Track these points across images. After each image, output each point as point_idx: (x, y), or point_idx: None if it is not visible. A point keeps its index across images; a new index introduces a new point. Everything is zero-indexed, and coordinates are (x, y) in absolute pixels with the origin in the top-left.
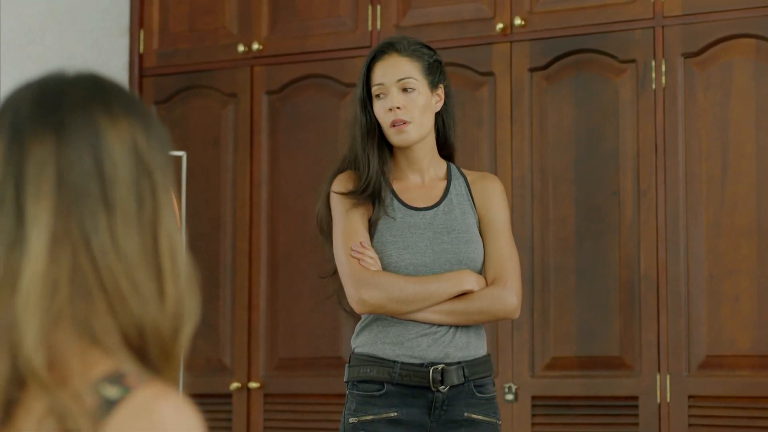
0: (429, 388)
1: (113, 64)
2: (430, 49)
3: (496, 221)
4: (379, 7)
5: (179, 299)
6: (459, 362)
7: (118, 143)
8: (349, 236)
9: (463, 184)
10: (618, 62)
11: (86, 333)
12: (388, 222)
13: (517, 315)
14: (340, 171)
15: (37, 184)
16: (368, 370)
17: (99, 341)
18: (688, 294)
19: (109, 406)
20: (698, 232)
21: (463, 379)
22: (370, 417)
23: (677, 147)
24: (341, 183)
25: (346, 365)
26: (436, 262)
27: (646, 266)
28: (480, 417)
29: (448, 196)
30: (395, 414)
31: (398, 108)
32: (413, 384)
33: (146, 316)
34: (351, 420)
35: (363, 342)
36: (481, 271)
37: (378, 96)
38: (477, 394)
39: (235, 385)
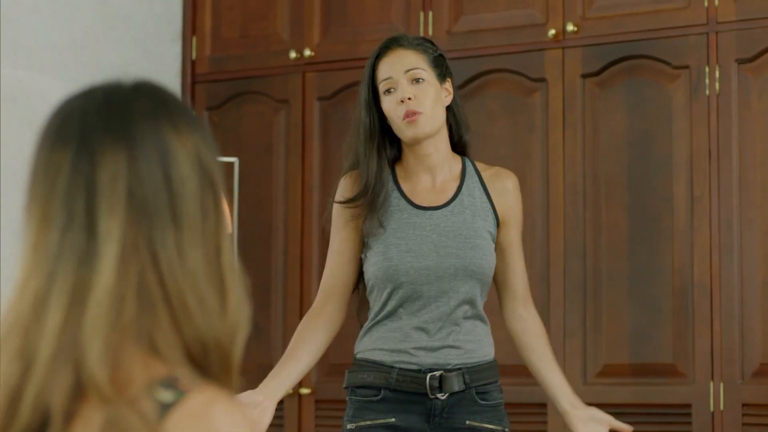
0: (427, 394)
1: (166, 70)
2: (432, 44)
3: (519, 228)
4: (431, 14)
5: (238, 309)
6: (459, 368)
7: (185, 157)
8: (330, 269)
9: (477, 184)
10: (671, 68)
11: (148, 345)
12: (392, 223)
13: None
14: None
15: (111, 199)
16: (366, 375)
17: (161, 354)
18: (742, 301)
19: (164, 409)
20: (752, 238)
21: (464, 385)
22: (368, 422)
23: (731, 153)
24: (343, 189)
25: (347, 371)
26: (440, 266)
27: (699, 273)
28: (483, 425)
29: (459, 196)
30: (393, 420)
31: (409, 99)
32: (410, 390)
33: (209, 330)
34: (349, 426)
35: (363, 348)
36: (489, 278)
37: (387, 92)
38: (480, 401)
39: None
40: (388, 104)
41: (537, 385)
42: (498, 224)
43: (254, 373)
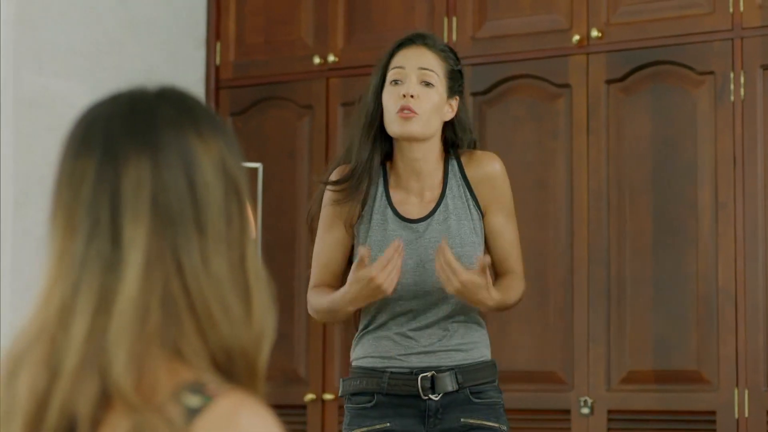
0: (420, 396)
1: (190, 75)
2: (456, 56)
3: (504, 212)
4: (455, 19)
5: (263, 316)
6: (452, 368)
7: (209, 164)
8: (319, 256)
9: (460, 179)
10: (696, 74)
11: (174, 353)
12: (378, 235)
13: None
14: (337, 166)
15: (135, 207)
16: (359, 382)
17: (187, 362)
18: (767, 307)
19: (191, 414)
20: None
21: (457, 385)
22: (364, 429)
23: (756, 159)
24: (335, 174)
25: (341, 380)
26: (427, 281)
27: (724, 279)
28: (479, 422)
29: (444, 200)
30: (388, 425)
31: (412, 96)
32: (403, 393)
33: (234, 337)
34: None
35: (356, 356)
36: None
37: (394, 82)
38: (474, 400)
39: (309, 396)
40: (388, 94)
41: (561, 392)
42: (482, 215)
43: (277, 379)
